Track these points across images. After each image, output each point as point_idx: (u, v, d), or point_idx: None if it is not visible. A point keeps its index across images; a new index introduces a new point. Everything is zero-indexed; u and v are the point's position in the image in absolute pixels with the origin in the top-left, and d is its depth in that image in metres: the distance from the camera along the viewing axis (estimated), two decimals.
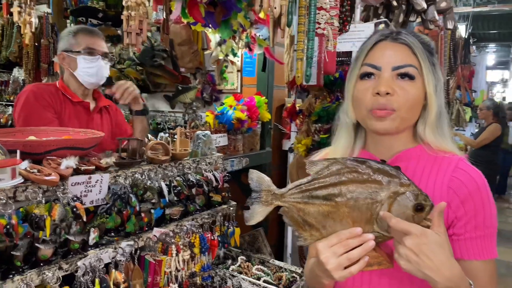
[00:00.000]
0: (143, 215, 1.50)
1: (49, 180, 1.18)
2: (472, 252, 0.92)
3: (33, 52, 3.86)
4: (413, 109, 0.94)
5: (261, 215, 0.89)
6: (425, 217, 0.79)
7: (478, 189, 0.92)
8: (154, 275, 1.47)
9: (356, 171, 0.80)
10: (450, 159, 0.96)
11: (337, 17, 1.68)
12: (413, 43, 0.95)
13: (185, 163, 1.75)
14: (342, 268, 0.81)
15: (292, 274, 1.86)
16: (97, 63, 1.96)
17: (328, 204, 0.81)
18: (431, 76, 0.94)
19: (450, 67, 3.83)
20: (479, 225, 0.91)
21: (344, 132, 1.08)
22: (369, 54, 0.98)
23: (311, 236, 0.85)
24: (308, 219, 0.84)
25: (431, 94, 0.94)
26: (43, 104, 1.90)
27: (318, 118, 2.24)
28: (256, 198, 0.89)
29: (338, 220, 0.81)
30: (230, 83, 3.29)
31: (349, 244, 0.80)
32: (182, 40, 3.08)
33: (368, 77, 0.96)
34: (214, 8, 1.91)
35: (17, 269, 1.10)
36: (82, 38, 1.97)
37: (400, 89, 0.92)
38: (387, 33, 0.98)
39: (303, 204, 0.84)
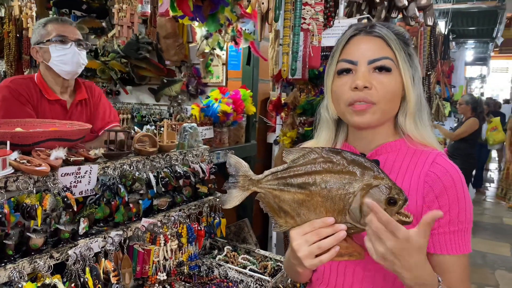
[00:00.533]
0: (132, 206, 1.52)
1: (40, 171, 1.20)
2: (446, 247, 0.92)
3: (15, 43, 3.80)
4: (392, 101, 0.95)
5: (237, 199, 0.89)
6: (397, 211, 0.78)
7: (454, 184, 0.92)
8: (142, 264, 1.50)
9: (331, 161, 0.80)
10: (428, 153, 0.96)
11: (321, 12, 1.72)
12: (387, 35, 0.95)
13: (172, 155, 1.78)
14: (313, 256, 0.81)
15: (277, 263, 1.91)
16: (70, 50, 1.90)
17: (302, 192, 0.82)
18: (407, 67, 0.94)
19: (430, 63, 3.92)
20: (453, 220, 0.91)
21: (325, 127, 1.08)
22: (344, 50, 0.98)
23: (286, 223, 0.86)
24: (284, 206, 0.84)
25: (408, 85, 0.95)
26: (20, 100, 1.87)
27: (303, 111, 2.29)
28: (234, 182, 0.89)
29: (312, 209, 0.82)
30: (215, 77, 3.31)
31: (321, 233, 0.80)
32: (167, 33, 3.09)
33: (346, 72, 0.96)
34: (202, 2, 1.93)
35: (9, 258, 1.12)
36: (52, 27, 1.92)
37: (377, 82, 0.92)
38: (361, 27, 0.98)
39: (279, 191, 0.84)
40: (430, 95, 4.65)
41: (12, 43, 3.80)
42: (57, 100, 1.97)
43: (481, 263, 4.25)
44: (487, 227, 5.46)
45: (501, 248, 4.69)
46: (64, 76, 1.96)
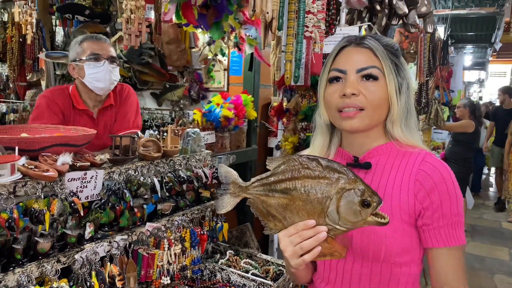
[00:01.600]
0: (136, 210, 1.54)
1: (48, 176, 1.21)
2: (441, 240, 0.97)
3: (18, 48, 3.83)
4: (379, 108, 1.01)
5: (230, 205, 0.96)
6: (372, 212, 0.82)
7: (443, 179, 0.97)
8: (147, 268, 1.52)
9: (308, 167, 0.85)
10: (417, 153, 1.03)
11: (323, 20, 1.75)
12: (375, 46, 1.01)
13: (176, 160, 1.80)
14: (297, 256, 0.87)
15: (279, 267, 1.93)
16: (103, 67, 1.97)
17: (285, 197, 0.87)
18: (393, 76, 1.01)
19: (429, 68, 3.95)
20: (445, 214, 0.96)
21: (319, 133, 1.14)
22: (335, 60, 1.05)
23: (275, 226, 0.91)
24: (271, 210, 0.90)
25: (392, 93, 1.01)
26: (52, 109, 1.99)
27: (305, 116, 2.31)
28: (225, 189, 0.96)
29: (295, 212, 0.87)
30: (217, 82, 3.33)
31: (303, 235, 0.86)
32: (169, 39, 3.11)
33: (336, 80, 1.03)
34: (206, 10, 1.96)
35: (17, 262, 1.14)
36: (87, 45, 2.00)
37: (365, 89, 0.99)
38: (352, 39, 1.06)
39: (265, 196, 0.90)
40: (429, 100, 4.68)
41: (15, 48, 3.83)
42: (85, 110, 2.07)
43: (480, 267, 4.27)
44: (485, 231, 5.48)
45: (499, 252, 4.71)
46: (97, 92, 2.05)
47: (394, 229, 0.98)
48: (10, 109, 4.06)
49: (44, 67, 3.77)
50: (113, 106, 2.15)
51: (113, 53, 2.05)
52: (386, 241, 0.97)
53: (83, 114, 2.08)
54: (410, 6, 2.39)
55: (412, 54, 4.08)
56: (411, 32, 2.61)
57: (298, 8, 1.53)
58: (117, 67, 2.05)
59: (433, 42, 3.86)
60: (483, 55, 11.99)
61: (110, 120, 2.14)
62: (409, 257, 1.01)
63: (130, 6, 1.49)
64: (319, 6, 1.71)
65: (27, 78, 4.07)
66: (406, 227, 0.99)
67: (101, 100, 2.11)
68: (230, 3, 1.93)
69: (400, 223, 0.99)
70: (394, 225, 0.98)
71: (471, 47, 11.01)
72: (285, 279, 1.81)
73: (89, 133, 1.60)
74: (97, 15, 3.36)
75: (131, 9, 1.51)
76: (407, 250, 1.00)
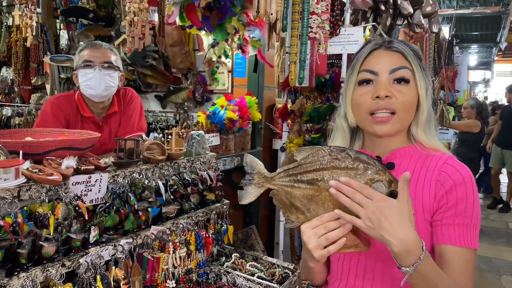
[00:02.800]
0: (141, 214, 1.53)
1: (52, 180, 1.21)
2: (448, 237, 0.96)
3: (22, 51, 3.85)
4: (409, 110, 1.02)
5: (253, 195, 0.96)
6: None
7: (463, 180, 0.97)
8: (152, 271, 1.51)
9: (337, 158, 0.85)
10: (440, 156, 1.03)
11: (328, 21, 1.74)
12: (405, 50, 1.03)
13: (181, 163, 1.79)
14: (321, 247, 0.87)
15: (284, 270, 1.91)
16: (94, 74, 1.95)
17: (311, 188, 0.87)
18: (423, 79, 1.02)
19: (434, 68, 3.93)
20: (459, 213, 0.96)
21: (340, 135, 1.14)
22: (365, 62, 1.05)
23: (297, 219, 0.91)
24: (295, 202, 0.90)
25: (423, 96, 1.02)
26: (57, 115, 1.99)
27: (310, 118, 2.30)
28: (250, 179, 0.96)
29: (321, 203, 0.87)
30: (221, 84, 3.33)
31: (329, 226, 0.86)
32: (173, 41, 3.11)
33: (366, 83, 1.03)
34: (210, 12, 1.95)
35: (22, 267, 1.13)
36: (83, 53, 1.99)
37: (397, 92, 0.99)
38: (380, 42, 1.06)
39: (290, 187, 0.90)
40: (435, 100, 4.65)
41: (20, 52, 3.85)
42: (91, 117, 2.07)
43: (487, 268, 4.22)
44: (492, 232, 5.43)
45: (507, 254, 4.66)
46: (92, 99, 2.03)
47: (417, 229, 0.97)
48: (15, 112, 4.08)
49: (48, 71, 3.79)
50: (117, 112, 2.15)
51: (109, 58, 1.99)
52: None
53: (89, 121, 2.08)
54: (415, 6, 2.37)
55: None
56: (416, 32, 2.59)
57: (302, 9, 1.52)
58: (114, 72, 2.00)
59: (438, 42, 3.83)
60: (488, 54, 11.93)
61: (115, 126, 2.14)
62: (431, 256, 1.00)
63: (133, 9, 1.49)
64: (323, 7, 1.70)
65: (32, 82, 4.09)
66: (429, 227, 1.00)
67: (104, 107, 2.09)
68: (234, 5, 1.92)
69: (423, 222, 0.99)
70: (418, 225, 0.97)
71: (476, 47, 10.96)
72: (291, 282, 1.79)
73: (93, 137, 1.59)
74: (101, 18, 3.37)
75: (134, 12, 1.50)
76: (430, 250, 1.00)
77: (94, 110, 2.08)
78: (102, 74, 1.96)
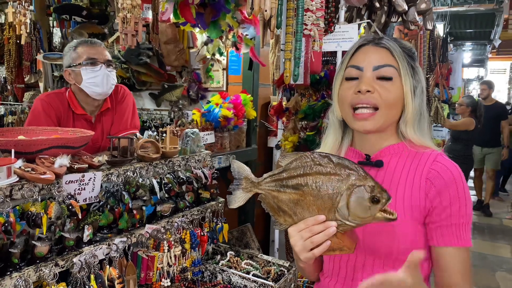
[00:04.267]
0: (135, 212, 1.52)
1: (45, 179, 1.20)
2: (447, 239, 0.98)
3: (15, 49, 3.81)
4: (393, 108, 1.01)
5: (242, 200, 0.99)
6: (381, 208, 0.84)
7: (454, 180, 0.97)
8: (147, 270, 1.50)
9: (319, 164, 0.87)
10: (429, 154, 1.03)
11: (322, 18, 1.73)
12: (393, 47, 1.03)
13: (175, 161, 1.78)
14: (307, 250, 0.89)
15: (280, 268, 1.91)
16: (101, 72, 1.95)
17: (296, 193, 0.89)
18: (409, 77, 1.02)
19: (429, 66, 3.94)
20: (453, 214, 0.97)
21: (332, 131, 1.15)
22: (353, 57, 1.06)
23: (285, 221, 0.93)
24: (282, 205, 0.92)
25: (407, 94, 1.02)
26: (48, 112, 1.96)
27: (305, 115, 2.29)
28: (238, 185, 0.99)
29: (306, 207, 0.89)
30: (216, 81, 3.32)
31: (314, 230, 0.88)
32: (168, 39, 3.09)
33: (352, 79, 1.04)
34: (204, 9, 1.94)
35: (14, 266, 1.12)
36: (82, 50, 1.97)
37: (380, 87, 1.00)
38: (370, 39, 1.07)
39: (277, 192, 0.92)
40: (429, 97, 4.67)
41: (12, 49, 3.81)
42: (83, 115, 2.05)
43: (481, 264, 4.25)
44: (486, 228, 5.46)
45: (501, 250, 4.69)
46: (95, 97, 2.02)
47: (406, 227, 0.98)
48: (8, 111, 4.04)
49: (42, 69, 3.75)
50: (110, 109, 2.13)
51: (109, 56, 2.02)
52: (399, 239, 0.98)
53: (81, 119, 2.05)
54: (410, 3, 2.37)
55: None
56: (411, 29, 2.59)
57: (296, 6, 1.51)
58: (114, 70, 2.03)
59: (433, 39, 3.84)
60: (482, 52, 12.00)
61: (108, 124, 2.12)
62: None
63: (126, 5, 1.47)
64: (317, 4, 1.69)
65: (25, 80, 4.06)
66: (418, 226, 1.00)
67: (98, 105, 2.08)
68: (228, 2, 1.91)
69: (412, 221, 0.99)
70: (407, 223, 0.98)
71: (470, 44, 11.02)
72: (286, 280, 1.79)
73: (87, 135, 1.58)
74: (95, 15, 3.35)
75: (127, 8, 1.49)
76: (420, 249, 0.99)
77: (87, 108, 2.06)
78: (107, 71, 1.97)
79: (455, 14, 7.05)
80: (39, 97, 2.08)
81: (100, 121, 2.11)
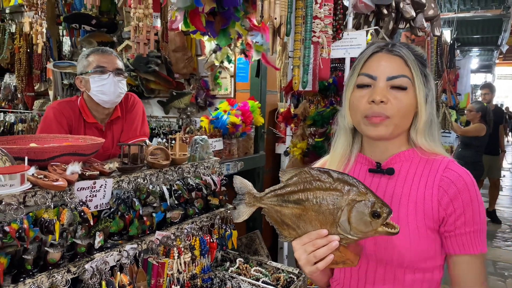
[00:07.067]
0: (145, 219, 1.53)
1: (58, 185, 1.21)
2: (463, 247, 0.98)
3: (25, 58, 3.87)
4: (405, 117, 1.01)
5: (246, 214, 1.01)
6: (382, 223, 0.85)
7: (466, 187, 0.97)
8: (157, 277, 1.50)
9: (319, 179, 0.88)
10: (440, 160, 1.02)
11: (330, 25, 1.74)
12: (407, 55, 1.01)
13: (185, 167, 1.79)
14: (311, 264, 0.90)
15: (289, 275, 1.91)
16: (109, 80, 1.97)
17: (298, 207, 0.90)
18: (422, 86, 1.01)
19: (437, 72, 3.93)
20: (468, 221, 0.97)
21: (342, 136, 1.14)
22: (365, 64, 1.04)
23: (290, 234, 0.95)
24: (285, 219, 0.93)
25: (421, 103, 1.01)
26: (59, 120, 1.99)
27: (313, 122, 2.30)
28: (241, 200, 1.01)
29: (308, 221, 0.90)
30: (224, 89, 3.33)
31: (317, 244, 0.88)
32: (176, 47, 3.12)
33: (365, 86, 1.02)
34: (213, 17, 1.96)
35: (27, 273, 1.13)
36: (93, 58, 2.00)
37: (393, 98, 0.98)
38: (383, 45, 1.05)
39: (279, 206, 0.94)
40: (437, 103, 4.65)
41: (23, 58, 3.87)
42: (94, 123, 2.07)
43: (492, 271, 4.20)
44: (497, 234, 5.40)
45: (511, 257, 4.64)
46: (103, 105, 2.04)
47: (419, 235, 0.98)
48: (18, 119, 4.09)
49: (51, 77, 3.80)
50: (120, 118, 2.15)
51: (119, 65, 2.03)
52: (411, 247, 0.97)
53: (92, 127, 2.08)
54: (417, 10, 2.37)
55: None
56: (418, 36, 2.59)
57: (305, 13, 1.52)
58: (124, 79, 2.04)
59: (440, 45, 3.83)
60: (490, 57, 11.94)
61: (118, 131, 2.14)
62: (432, 262, 1.00)
63: (138, 14, 1.49)
64: (326, 11, 1.70)
65: (35, 88, 4.11)
66: (430, 233, 0.99)
67: (108, 113, 2.10)
68: (237, 10, 1.93)
69: (424, 229, 0.98)
70: (419, 231, 0.98)
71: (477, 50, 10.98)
72: (296, 287, 1.78)
73: (98, 142, 1.60)
74: (104, 24, 3.39)
75: (139, 17, 1.50)
76: (432, 256, 1.00)
77: (98, 116, 2.08)
78: (115, 80, 1.98)
79: (462, 20, 7.04)
80: (51, 105, 2.12)
81: (110, 129, 2.13)
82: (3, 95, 4.35)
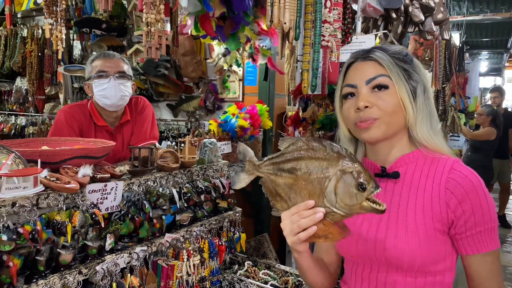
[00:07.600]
0: (155, 221, 1.54)
1: (70, 188, 1.23)
2: (475, 247, 0.99)
3: (37, 62, 3.92)
4: (395, 114, 1.01)
5: (244, 181, 1.02)
6: (367, 196, 0.84)
7: (474, 187, 0.97)
8: (166, 279, 1.51)
9: (312, 148, 0.89)
10: (445, 161, 1.03)
11: (340, 29, 1.75)
12: (380, 57, 1.03)
13: (194, 170, 1.80)
14: (294, 234, 0.91)
15: (297, 278, 1.90)
16: (109, 84, 1.98)
17: (291, 177, 0.91)
18: (402, 82, 1.02)
19: (445, 75, 3.91)
20: (478, 222, 0.97)
21: (345, 144, 1.17)
22: (346, 76, 1.09)
23: (282, 207, 0.95)
24: (278, 190, 0.94)
25: (404, 98, 1.01)
26: (70, 124, 2.01)
27: (322, 125, 2.30)
28: (242, 166, 1.02)
29: (298, 192, 0.91)
30: (232, 92, 3.35)
31: (303, 215, 0.89)
32: (185, 51, 3.15)
33: (350, 96, 1.06)
34: (223, 22, 1.98)
35: (40, 274, 1.15)
36: (96, 63, 2.02)
37: (377, 99, 1.01)
38: (356, 55, 1.09)
39: (274, 175, 0.94)
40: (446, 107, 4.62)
41: (34, 62, 3.92)
42: (105, 126, 2.09)
43: None
44: (507, 239, 5.34)
45: None
46: (107, 109, 2.06)
47: (428, 238, 0.98)
48: (29, 122, 4.15)
49: (62, 81, 3.85)
50: (129, 121, 2.17)
51: (122, 68, 2.03)
52: (421, 250, 0.97)
53: (103, 130, 2.10)
54: (426, 13, 2.37)
55: (427, 61, 4.03)
56: (427, 39, 2.59)
57: (314, 18, 1.53)
58: (127, 81, 2.04)
59: (449, 48, 3.82)
60: (499, 61, 11.85)
61: (128, 135, 2.16)
62: (443, 265, 1.01)
63: (150, 20, 1.52)
64: (335, 15, 1.71)
65: (45, 92, 4.16)
66: (439, 236, 0.99)
67: (117, 117, 2.12)
68: (247, 14, 1.95)
69: (434, 232, 0.98)
70: (428, 234, 0.98)
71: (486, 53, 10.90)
72: None
73: (108, 145, 1.61)
74: (114, 28, 3.43)
75: (151, 22, 1.53)
76: (442, 259, 1.00)
77: (107, 119, 2.11)
78: (117, 83, 1.99)
79: (471, 23, 6.99)
80: (62, 108, 2.13)
81: (120, 132, 2.15)
82: (14, 98, 4.41)
